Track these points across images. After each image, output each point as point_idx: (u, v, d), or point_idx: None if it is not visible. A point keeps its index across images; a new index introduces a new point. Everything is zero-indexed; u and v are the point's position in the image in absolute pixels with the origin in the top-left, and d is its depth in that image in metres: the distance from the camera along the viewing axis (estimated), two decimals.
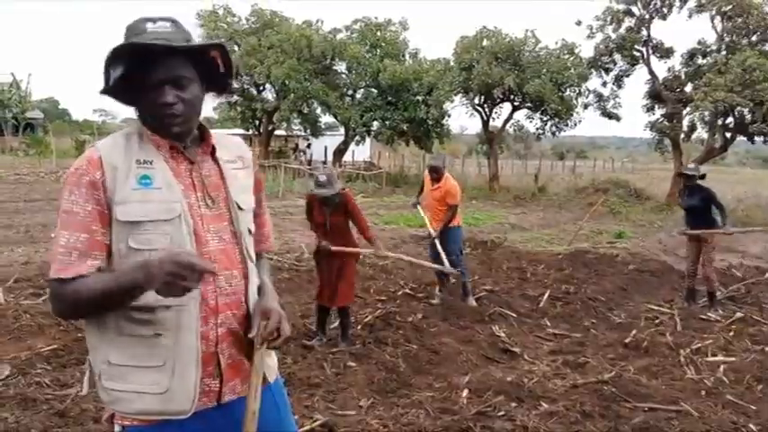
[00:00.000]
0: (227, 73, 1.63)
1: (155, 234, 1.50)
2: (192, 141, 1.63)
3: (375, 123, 25.39)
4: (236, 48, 26.25)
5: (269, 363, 1.75)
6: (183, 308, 1.52)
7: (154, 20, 1.53)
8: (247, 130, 30.52)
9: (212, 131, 1.69)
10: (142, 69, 1.49)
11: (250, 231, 1.71)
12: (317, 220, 5.24)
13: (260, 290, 1.75)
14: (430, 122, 24.02)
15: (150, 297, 1.46)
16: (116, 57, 1.48)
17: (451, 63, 22.89)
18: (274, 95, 26.90)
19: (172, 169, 1.57)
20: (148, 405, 1.54)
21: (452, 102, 23.18)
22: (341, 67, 25.89)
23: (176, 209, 1.53)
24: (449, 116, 24.30)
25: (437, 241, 6.55)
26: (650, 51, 20.29)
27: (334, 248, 5.13)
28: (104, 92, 1.55)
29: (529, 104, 22.22)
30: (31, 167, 22.93)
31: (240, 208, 1.67)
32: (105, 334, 1.54)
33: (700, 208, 6.84)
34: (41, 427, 3.41)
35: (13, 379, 4.09)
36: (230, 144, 1.75)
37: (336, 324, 5.52)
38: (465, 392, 4.29)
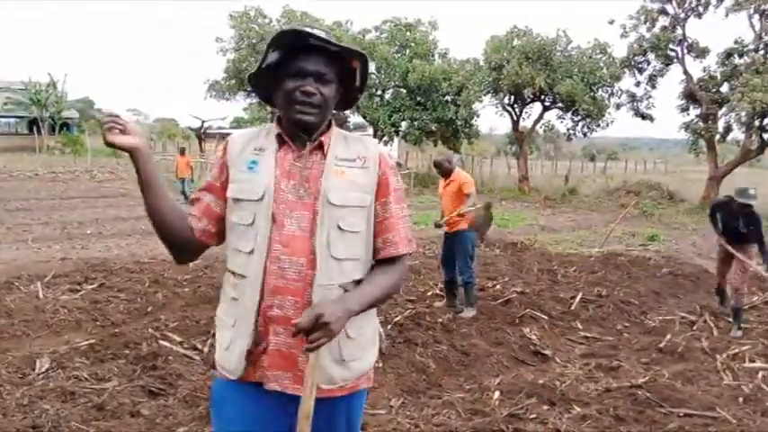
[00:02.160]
0: (361, 87, 1.81)
1: (246, 211, 1.70)
2: (316, 137, 1.75)
3: (403, 124, 25.40)
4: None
5: (333, 372, 1.71)
6: (250, 280, 1.68)
7: (312, 27, 1.68)
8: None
9: (341, 132, 1.80)
10: (294, 59, 1.67)
11: (341, 228, 1.68)
12: None
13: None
14: (459, 122, 23.93)
15: (236, 265, 1.72)
16: (276, 43, 1.67)
17: (481, 63, 22.78)
18: None
19: (277, 158, 1.73)
20: (219, 357, 1.77)
21: (482, 102, 23.09)
22: (370, 67, 25.94)
23: (261, 191, 1.69)
24: (478, 116, 24.20)
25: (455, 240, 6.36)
26: (685, 51, 19.95)
27: None
28: (252, 77, 1.76)
29: (560, 105, 22.01)
30: (66, 166, 23.47)
31: (330, 203, 1.68)
32: (222, 292, 1.82)
33: (747, 225, 6.21)
34: (80, 419, 3.48)
35: (52, 372, 4.18)
36: (357, 144, 1.79)
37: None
38: (496, 394, 4.26)
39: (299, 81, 1.67)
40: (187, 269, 7.18)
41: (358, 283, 1.72)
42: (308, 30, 1.64)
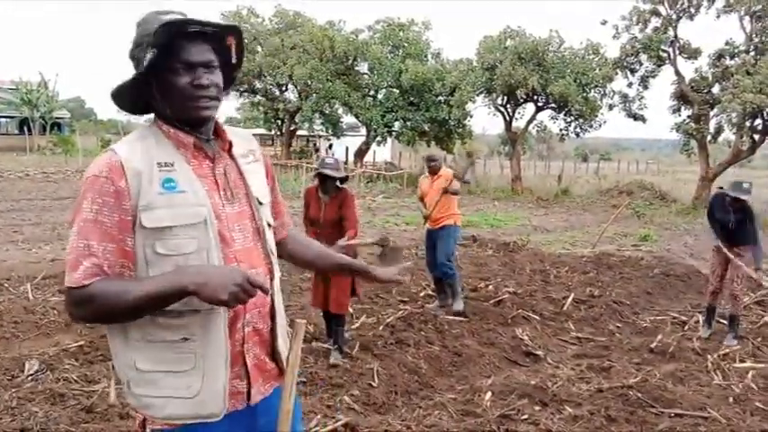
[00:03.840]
0: (238, 64, 1.63)
1: (183, 239, 1.47)
2: (211, 137, 1.61)
3: (396, 124, 25.41)
4: (259, 48, 26.44)
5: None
6: (212, 311, 1.50)
7: (166, 12, 1.50)
8: (269, 130, 30.71)
9: (224, 125, 1.65)
10: (175, 51, 1.48)
11: (269, 225, 1.70)
12: (311, 216, 4.99)
13: (320, 255, 1.95)
14: (452, 123, 23.96)
15: (179, 301, 1.46)
16: (152, 41, 1.45)
17: (474, 63, 22.81)
18: (296, 96, 27.07)
19: (194, 169, 1.54)
20: (180, 410, 1.52)
21: (475, 102, 23.11)
22: (363, 67, 25.95)
23: (202, 213, 1.50)
24: (471, 117, 24.23)
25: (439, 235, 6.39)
26: (677, 52, 20.01)
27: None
28: (125, 89, 1.52)
29: (552, 105, 22.07)
30: (57, 166, 23.35)
31: (260, 203, 1.66)
32: (131, 340, 1.50)
33: (739, 222, 5.88)
34: (69, 422, 3.46)
35: (41, 374, 4.15)
36: (239, 137, 1.71)
37: (356, 325, 5.50)
38: (488, 395, 4.26)
39: (191, 74, 1.49)
40: None
41: None
42: (183, 17, 1.48)
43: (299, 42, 24.62)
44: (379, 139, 26.12)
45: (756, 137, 18.93)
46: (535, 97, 22.15)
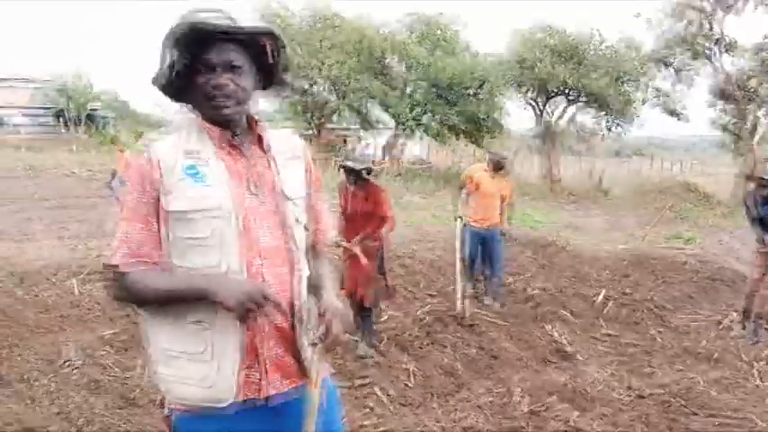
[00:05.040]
0: (278, 64, 1.65)
1: (200, 224, 1.54)
2: (243, 132, 1.65)
3: (425, 117, 25.08)
4: (297, 48, 26.50)
5: (318, 366, 1.71)
6: None
7: (207, 10, 1.55)
8: (308, 126, 30.82)
9: (263, 124, 1.70)
10: (197, 53, 1.54)
11: (298, 221, 1.70)
12: (341, 206, 5.04)
13: (316, 288, 1.77)
14: (482, 117, 23.59)
15: None
16: (173, 42, 1.52)
17: (505, 56, 22.48)
18: (329, 92, 26.99)
19: (222, 160, 1.60)
20: (192, 392, 1.57)
21: (506, 96, 22.76)
22: (399, 66, 25.78)
23: (220, 200, 1.55)
24: (501, 110, 23.80)
25: (492, 241, 6.33)
26: (715, 46, 19.35)
27: (344, 244, 4.91)
28: (159, 81, 1.58)
29: (584, 99, 21.59)
30: (101, 164, 23.90)
31: (287, 197, 1.66)
32: (157, 320, 1.60)
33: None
34: (104, 407, 3.57)
35: (79, 361, 4.28)
36: (281, 136, 1.76)
37: (384, 318, 5.47)
38: (526, 398, 4.21)
39: (208, 75, 1.55)
40: None
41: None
42: (209, 22, 1.52)
43: (337, 42, 24.62)
44: (407, 132, 25.83)
45: None
46: (567, 91, 21.68)
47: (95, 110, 40.49)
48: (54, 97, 37.25)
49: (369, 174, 4.96)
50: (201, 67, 1.55)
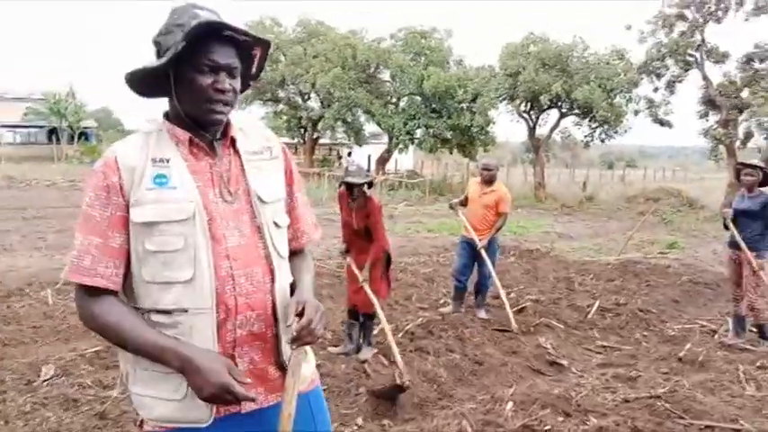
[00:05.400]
0: (255, 76, 1.62)
1: (170, 236, 1.45)
2: (217, 135, 1.59)
3: (419, 131, 25.32)
4: (282, 57, 26.61)
5: (303, 370, 1.63)
6: (199, 311, 1.47)
7: (202, 8, 1.50)
8: (293, 139, 30.87)
9: (235, 116, 1.62)
10: (203, 50, 1.47)
11: (277, 224, 1.62)
12: (344, 219, 5.18)
13: (296, 280, 1.68)
14: (474, 130, 23.79)
15: (167, 300, 1.46)
16: (184, 35, 1.43)
17: (497, 70, 22.67)
18: (319, 104, 27.19)
19: (190, 166, 1.52)
20: (168, 412, 1.50)
21: (497, 109, 22.95)
22: (385, 75, 25.96)
23: (189, 208, 1.47)
24: (494, 123, 24.05)
25: (483, 252, 6.24)
26: (704, 56, 19.65)
27: (349, 261, 5.12)
28: (140, 72, 1.48)
29: (576, 111, 21.80)
30: (84, 175, 23.69)
31: (262, 200, 1.59)
32: None
33: (755, 215, 5.60)
34: (81, 428, 3.42)
35: (57, 379, 4.13)
36: (256, 133, 1.68)
37: (375, 331, 5.43)
38: (510, 405, 4.12)
39: (213, 77, 1.48)
40: None
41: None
42: (218, 18, 1.47)
43: (322, 51, 24.71)
44: (401, 146, 26.05)
45: None
46: (559, 103, 21.90)
47: (89, 128, 40.56)
48: (47, 115, 37.31)
49: (370, 187, 5.05)
50: (206, 66, 1.48)
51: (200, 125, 1.53)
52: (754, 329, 5.97)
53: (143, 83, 1.52)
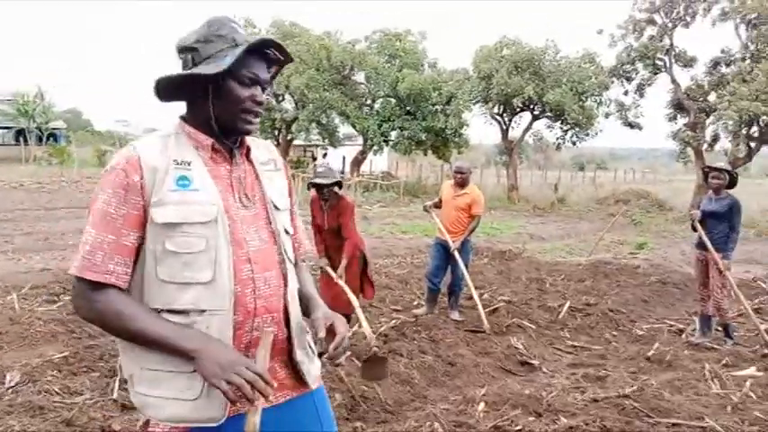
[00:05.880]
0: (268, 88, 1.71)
1: (192, 237, 1.49)
2: (237, 143, 1.66)
3: (393, 133, 25.36)
4: None
5: (311, 369, 1.71)
6: (217, 312, 1.50)
7: (236, 22, 1.60)
8: (266, 140, 30.69)
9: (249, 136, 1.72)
10: (246, 63, 1.55)
11: (287, 232, 1.71)
12: (317, 223, 5.20)
13: (306, 299, 1.77)
14: (449, 132, 23.90)
15: (184, 299, 1.49)
16: (223, 42, 1.55)
17: (470, 73, 22.83)
18: (293, 105, 27.06)
19: (211, 170, 1.57)
20: (181, 411, 1.50)
21: (471, 111, 23.11)
22: (359, 77, 25.95)
23: (212, 211, 1.51)
24: (467, 126, 24.20)
25: (456, 254, 6.28)
26: (673, 60, 20.06)
27: (323, 265, 5.17)
28: (170, 79, 1.56)
29: (549, 114, 22.05)
30: (52, 176, 23.24)
31: (276, 207, 1.67)
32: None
33: (721, 217, 5.73)
34: None
35: (22, 386, 4.04)
36: (261, 146, 1.77)
37: (350, 334, 5.43)
38: (481, 406, 4.16)
39: (253, 90, 1.58)
40: None
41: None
42: (276, 41, 1.58)
43: (296, 52, 24.60)
44: (375, 148, 26.05)
45: (753, 144, 18.93)
46: (531, 106, 22.14)
47: (57, 129, 39.91)
48: (15, 116, 36.60)
49: (340, 188, 5.08)
50: (247, 79, 1.56)
51: (229, 132, 1.60)
52: (720, 329, 6.09)
53: (170, 86, 1.58)
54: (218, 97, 1.56)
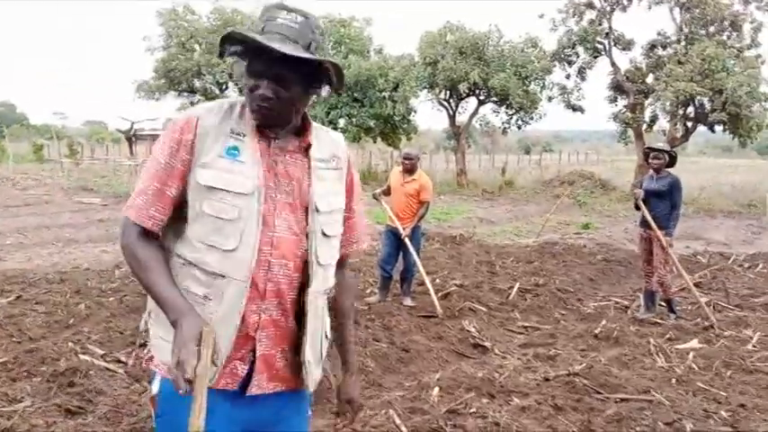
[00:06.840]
0: (339, 84, 1.71)
1: (228, 204, 1.54)
2: (289, 132, 1.65)
3: (341, 121, 25.20)
4: (197, 47, 25.80)
5: (314, 372, 1.72)
6: (234, 281, 1.55)
7: (289, 10, 1.58)
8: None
9: (315, 125, 1.71)
10: (255, 56, 1.56)
11: (325, 234, 1.67)
12: None
13: (344, 360, 1.90)
14: (396, 118, 23.89)
15: (209, 259, 1.55)
16: (230, 40, 1.57)
17: (416, 59, 22.85)
18: (237, 94, 26.54)
19: (260, 148, 1.60)
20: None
21: (418, 97, 23.16)
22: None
23: (251, 185, 1.55)
24: (415, 112, 24.25)
25: (407, 240, 6.31)
26: (612, 43, 20.55)
27: None
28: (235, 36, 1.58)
29: (494, 99, 22.29)
30: None
31: (317, 209, 1.65)
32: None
33: (663, 195, 5.94)
34: None
35: None
36: (328, 141, 1.74)
37: None
38: (436, 390, 4.18)
39: (256, 81, 1.57)
40: (112, 277, 6.84)
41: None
42: (262, 40, 1.49)
43: None
44: None
45: (689, 124, 19.63)
46: (477, 91, 22.33)
47: None
48: None
49: None
50: (250, 73, 1.60)
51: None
52: (663, 304, 6.31)
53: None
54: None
